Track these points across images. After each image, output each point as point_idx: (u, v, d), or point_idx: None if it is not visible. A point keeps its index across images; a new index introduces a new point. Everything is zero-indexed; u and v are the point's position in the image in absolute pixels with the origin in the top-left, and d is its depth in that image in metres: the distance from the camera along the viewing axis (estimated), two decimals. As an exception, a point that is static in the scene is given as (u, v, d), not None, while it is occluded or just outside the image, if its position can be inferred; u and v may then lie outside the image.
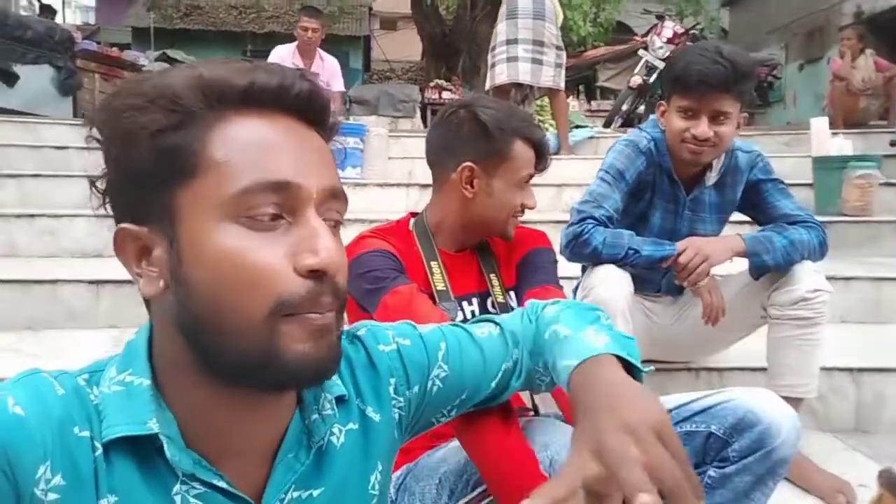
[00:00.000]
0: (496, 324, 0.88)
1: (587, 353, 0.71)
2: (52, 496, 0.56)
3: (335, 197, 0.62)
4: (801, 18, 12.40)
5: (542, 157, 1.37)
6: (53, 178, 3.72)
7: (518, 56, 4.54)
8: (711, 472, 1.20)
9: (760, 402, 1.17)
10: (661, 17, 7.08)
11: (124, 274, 0.62)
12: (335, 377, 0.71)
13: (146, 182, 0.58)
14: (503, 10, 4.66)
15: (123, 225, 0.60)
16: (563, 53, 4.76)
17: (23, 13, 8.40)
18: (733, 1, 14.67)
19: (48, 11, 8.52)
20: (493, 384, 0.85)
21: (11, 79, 5.69)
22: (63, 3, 17.86)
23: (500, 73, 4.60)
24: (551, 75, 4.64)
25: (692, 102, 1.65)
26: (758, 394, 1.19)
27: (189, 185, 0.57)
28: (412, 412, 0.79)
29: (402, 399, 0.77)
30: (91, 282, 2.47)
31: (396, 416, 0.77)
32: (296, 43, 4.83)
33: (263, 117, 0.59)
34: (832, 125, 5.21)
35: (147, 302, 0.63)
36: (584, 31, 9.37)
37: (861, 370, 2.04)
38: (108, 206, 0.62)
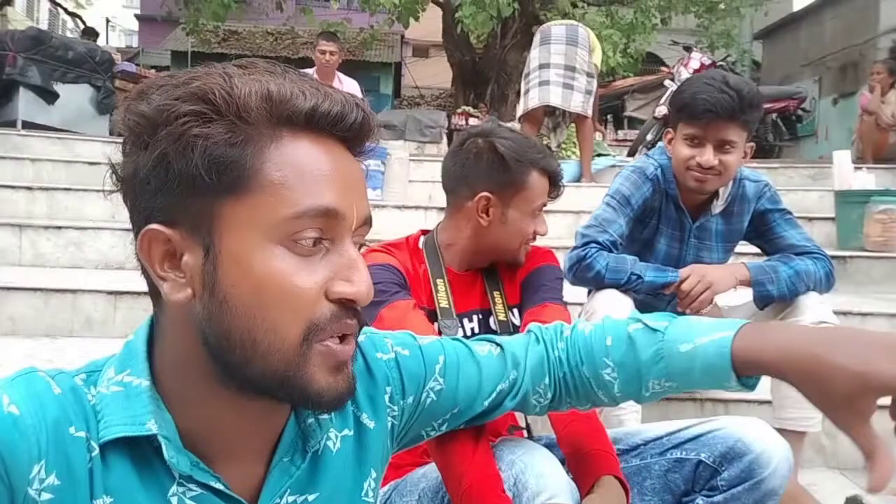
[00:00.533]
0: (497, 344, 0.88)
1: (735, 324, 0.75)
2: (45, 496, 0.56)
3: (368, 224, 0.63)
4: (835, 52, 12.30)
5: (555, 186, 1.39)
6: (84, 192, 3.85)
7: (550, 80, 4.58)
8: (700, 501, 1.19)
9: (751, 432, 1.15)
10: (688, 49, 7.09)
11: (143, 285, 0.62)
12: None
13: (191, 188, 0.56)
14: (537, 38, 4.72)
15: (154, 226, 0.58)
16: (594, 81, 4.79)
17: (69, 35, 8.74)
18: (767, 34, 14.63)
19: (91, 34, 8.82)
20: (487, 402, 0.85)
21: (51, 97, 5.91)
22: (107, 26, 18.54)
23: (531, 98, 4.63)
24: (580, 101, 4.66)
25: (698, 131, 1.66)
26: (749, 423, 1.18)
27: (239, 200, 0.57)
28: (404, 422, 0.80)
29: (396, 408, 0.78)
30: (110, 292, 2.54)
31: (390, 424, 0.77)
32: (315, 67, 4.96)
33: (317, 141, 0.59)
34: (861, 160, 5.16)
35: (156, 304, 0.63)
36: (613, 61, 9.38)
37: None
38: (128, 197, 0.61)
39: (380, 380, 0.77)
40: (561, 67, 4.57)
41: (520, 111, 4.81)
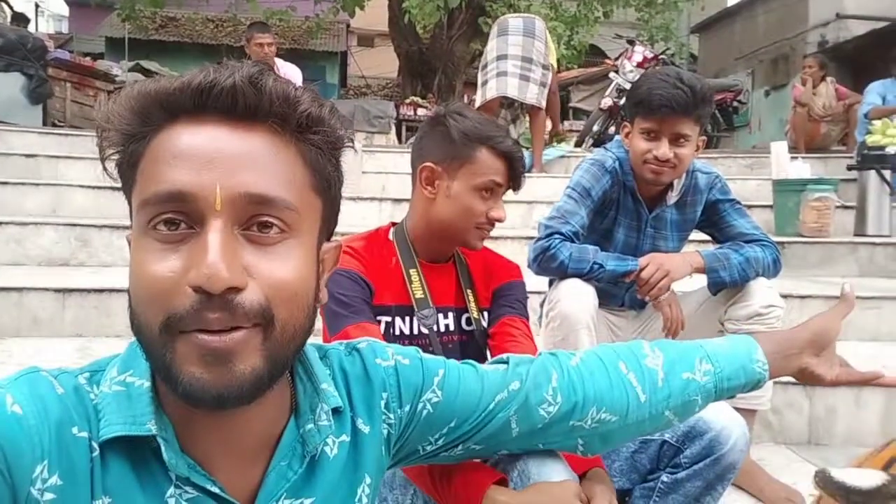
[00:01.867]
0: (504, 362, 0.88)
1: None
2: (48, 496, 0.55)
3: (260, 203, 0.57)
4: (766, 46, 12.78)
5: (512, 169, 1.35)
6: (22, 185, 3.69)
7: (507, 71, 4.63)
8: (664, 478, 1.25)
9: (710, 411, 1.20)
10: (631, 42, 7.25)
11: (90, 283, 0.65)
12: (331, 388, 0.71)
13: (124, 193, 0.62)
14: (494, 29, 4.75)
15: (127, 234, 0.63)
16: (549, 73, 4.86)
17: (-6, 20, 8.29)
18: (702, 28, 15.06)
19: (21, 20, 8.40)
20: (483, 414, 0.83)
21: (-20, 86, 5.62)
22: (36, 11, 17.65)
23: (490, 89, 4.67)
24: (536, 93, 4.73)
25: (654, 125, 1.72)
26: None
27: (132, 197, 0.61)
28: (400, 432, 0.79)
29: (392, 416, 0.77)
30: (57, 290, 2.45)
31: (385, 432, 0.77)
32: (246, 59, 4.88)
33: (188, 125, 0.58)
34: (794, 150, 5.38)
35: None
36: (557, 53, 9.53)
37: (814, 385, 2.11)
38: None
39: (377, 385, 0.77)
40: (518, 59, 4.62)
41: (478, 102, 4.85)
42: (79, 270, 2.91)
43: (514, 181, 1.38)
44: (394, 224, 1.46)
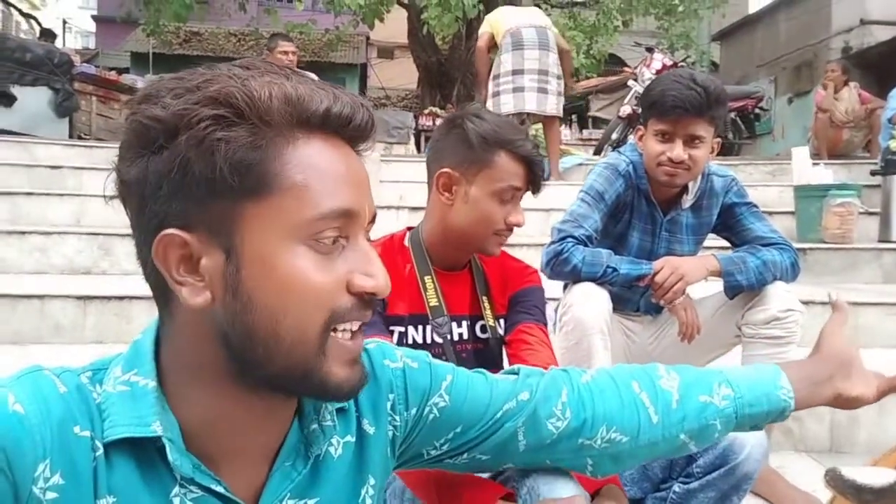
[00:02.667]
0: (515, 373, 0.87)
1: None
2: (50, 495, 0.55)
3: (373, 221, 0.66)
4: (789, 53, 12.65)
5: (531, 173, 1.32)
6: (47, 196, 3.76)
7: (524, 86, 4.65)
8: (676, 488, 1.22)
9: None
10: (650, 50, 7.22)
11: (111, 290, 0.64)
12: None
13: (212, 192, 0.56)
14: (507, 41, 4.75)
15: (171, 231, 0.57)
16: (562, 82, 4.89)
17: (23, 36, 8.51)
18: (724, 35, 14.96)
19: (48, 35, 8.62)
20: (490, 422, 0.82)
21: (9, 100, 5.76)
22: (64, 27, 18.08)
23: (505, 104, 4.68)
24: (554, 104, 4.78)
25: (668, 126, 1.70)
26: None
27: (261, 202, 0.57)
28: (405, 434, 0.79)
29: (398, 418, 0.77)
30: (79, 297, 2.49)
31: (391, 433, 0.77)
32: None
33: (328, 142, 0.61)
34: (817, 156, 5.32)
35: (163, 307, 0.63)
36: (577, 62, 9.54)
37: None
38: (133, 202, 0.60)
39: (384, 386, 0.77)
40: (535, 72, 4.65)
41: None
42: (101, 278, 2.96)
43: (534, 185, 1.34)
44: (409, 229, 1.43)
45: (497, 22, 4.90)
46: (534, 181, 1.33)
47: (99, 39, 18.40)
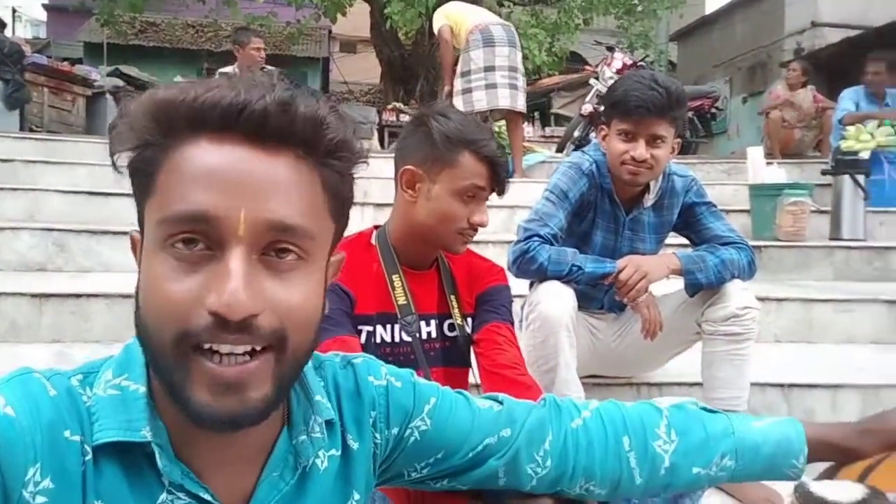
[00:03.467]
0: (499, 402, 0.86)
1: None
2: (40, 499, 0.55)
3: (281, 230, 0.57)
4: (744, 54, 12.98)
5: (495, 173, 1.32)
6: (-1, 190, 3.64)
7: (497, 83, 4.67)
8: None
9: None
10: (611, 49, 7.31)
11: (67, 288, 0.65)
12: (325, 400, 0.71)
13: (135, 196, 0.61)
14: (476, 37, 4.75)
15: (132, 232, 0.64)
16: (525, 79, 4.95)
17: (-31, 24, 8.19)
18: (681, 35, 15.25)
19: (-3, 23, 8.32)
20: (471, 454, 0.81)
21: (-45, 90, 5.55)
22: (13, 16, 17.43)
23: (478, 100, 4.70)
24: (523, 100, 4.84)
25: (630, 126, 1.74)
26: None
27: (148, 205, 0.59)
28: (385, 453, 0.78)
29: (378, 436, 0.77)
30: (34, 295, 2.41)
31: (373, 450, 0.77)
32: (236, 64, 4.91)
33: (213, 142, 0.57)
34: (770, 155, 5.46)
35: None
36: (539, 59, 9.59)
37: (791, 386, 2.14)
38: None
39: (367, 402, 0.76)
40: (506, 69, 4.68)
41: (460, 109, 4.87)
42: (56, 275, 2.87)
43: (499, 186, 1.35)
44: (376, 227, 1.43)
45: (458, 16, 4.90)
46: (498, 182, 1.34)
47: (50, 29, 17.80)
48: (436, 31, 5.05)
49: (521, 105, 4.81)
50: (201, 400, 0.56)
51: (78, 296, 2.42)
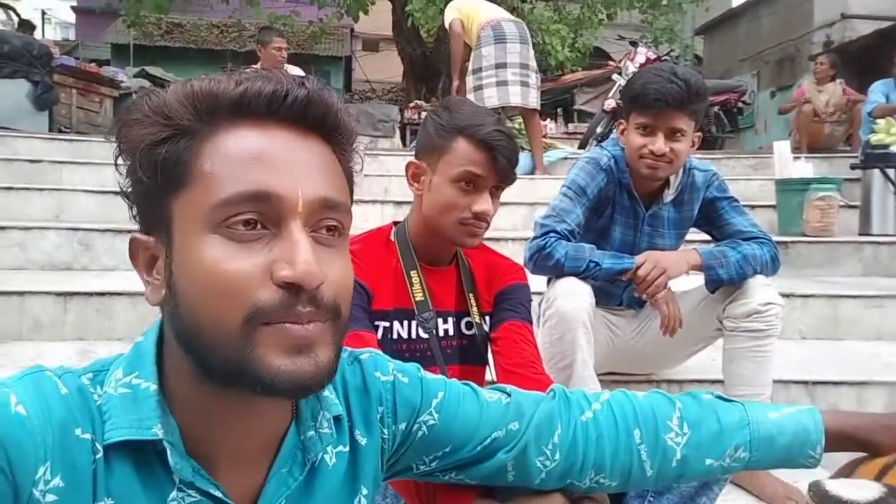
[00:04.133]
0: (508, 394, 0.85)
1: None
2: (50, 497, 0.56)
3: (329, 207, 0.61)
4: (772, 47, 12.76)
5: (492, 158, 1.27)
6: (27, 190, 3.71)
7: (507, 80, 4.66)
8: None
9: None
10: (634, 44, 7.25)
11: (92, 287, 0.64)
12: (333, 396, 0.71)
13: (148, 192, 0.60)
14: (488, 34, 4.75)
15: (135, 235, 0.63)
16: (539, 76, 4.90)
17: (1, 27, 8.37)
18: (707, 29, 15.05)
19: (27, 26, 8.47)
20: (479, 448, 0.81)
21: (-14, 92, 5.67)
22: (43, 19, 17.80)
23: (489, 97, 4.69)
24: (535, 97, 4.80)
25: (649, 119, 1.71)
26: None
27: (181, 196, 0.59)
28: (393, 448, 0.79)
29: (386, 431, 0.77)
30: (59, 294, 2.45)
31: (380, 445, 0.77)
32: (259, 64, 4.96)
33: (256, 128, 0.59)
34: (798, 150, 5.36)
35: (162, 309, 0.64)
36: (561, 55, 9.55)
37: (816, 383, 2.10)
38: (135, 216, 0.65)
39: (374, 398, 0.77)
40: (517, 66, 4.67)
41: None
42: (81, 274, 2.92)
43: (501, 173, 1.29)
44: (396, 223, 1.44)
45: (469, 11, 4.88)
46: (499, 168, 1.28)
47: (79, 31, 18.15)
48: (446, 24, 5.03)
49: (532, 102, 4.77)
50: (280, 365, 0.56)
51: (102, 294, 2.45)
